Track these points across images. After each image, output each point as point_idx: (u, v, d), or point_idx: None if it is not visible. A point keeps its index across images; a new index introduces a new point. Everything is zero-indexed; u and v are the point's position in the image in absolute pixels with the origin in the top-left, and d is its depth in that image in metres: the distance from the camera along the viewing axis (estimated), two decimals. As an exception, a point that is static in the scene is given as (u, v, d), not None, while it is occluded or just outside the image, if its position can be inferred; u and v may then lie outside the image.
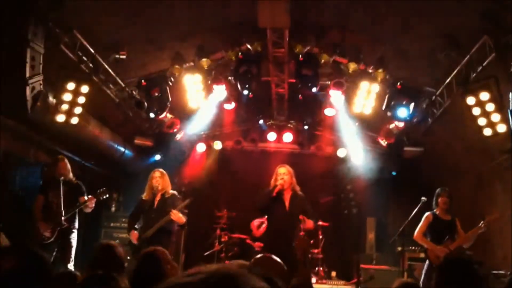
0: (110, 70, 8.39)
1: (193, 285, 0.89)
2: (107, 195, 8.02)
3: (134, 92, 9.28)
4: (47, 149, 8.81)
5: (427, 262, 7.81)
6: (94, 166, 10.74)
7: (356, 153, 11.87)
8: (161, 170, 8.07)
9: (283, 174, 7.54)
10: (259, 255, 3.38)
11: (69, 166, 7.90)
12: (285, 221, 7.38)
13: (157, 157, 11.55)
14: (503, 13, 6.28)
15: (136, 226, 7.98)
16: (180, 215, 7.69)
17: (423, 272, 7.80)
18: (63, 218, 7.36)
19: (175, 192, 8.12)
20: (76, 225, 7.78)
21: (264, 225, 10.61)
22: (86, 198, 7.77)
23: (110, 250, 4.02)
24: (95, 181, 10.94)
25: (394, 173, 11.78)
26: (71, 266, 7.34)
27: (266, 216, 8.20)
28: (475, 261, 7.44)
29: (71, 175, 7.93)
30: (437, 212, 7.86)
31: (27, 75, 6.43)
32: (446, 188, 7.97)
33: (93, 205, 7.80)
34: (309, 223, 7.47)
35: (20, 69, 6.37)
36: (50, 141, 8.64)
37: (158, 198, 7.86)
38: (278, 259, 3.30)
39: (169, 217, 7.62)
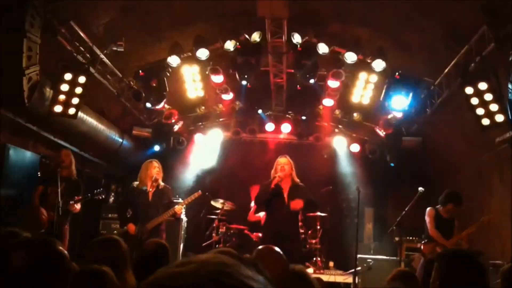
0: (107, 61, 8.36)
1: (185, 275, 0.89)
2: (104, 196, 7.98)
3: (132, 82, 9.25)
4: (46, 141, 8.78)
5: (422, 257, 7.82)
6: (93, 157, 10.72)
7: (355, 144, 11.89)
8: (156, 161, 8.05)
9: (283, 164, 7.51)
10: (260, 247, 3.40)
11: (72, 159, 7.88)
12: (285, 213, 7.37)
13: (156, 148, 11.54)
14: (502, 4, 6.25)
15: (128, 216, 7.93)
16: (182, 208, 7.73)
17: (419, 266, 7.79)
18: (60, 211, 7.32)
19: (165, 184, 8.07)
20: (69, 217, 7.79)
21: (263, 214, 10.65)
22: (80, 197, 7.73)
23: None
24: (93, 172, 10.96)
25: (392, 165, 11.78)
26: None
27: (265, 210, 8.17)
28: (475, 252, 7.47)
29: (73, 168, 7.90)
30: (440, 209, 7.80)
31: (24, 65, 6.39)
32: (462, 200, 7.75)
33: (78, 207, 7.73)
34: (297, 203, 7.46)
35: (17, 60, 6.33)
36: (48, 133, 8.61)
37: (152, 189, 7.79)
38: (280, 251, 3.32)
39: (173, 210, 7.62)
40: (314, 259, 10.88)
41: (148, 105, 9.21)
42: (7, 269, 2.12)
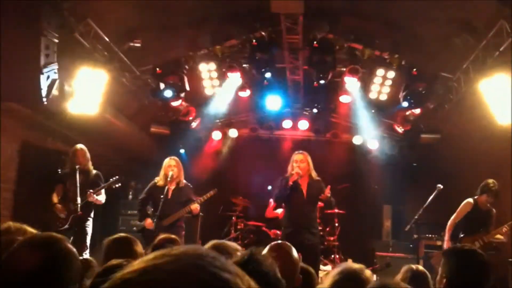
0: (125, 58, 8.42)
1: (160, 269, 0.86)
2: (120, 184, 8.03)
3: (149, 80, 9.31)
4: (65, 138, 8.88)
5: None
6: (111, 153, 10.82)
7: (372, 140, 11.81)
8: (176, 158, 8.05)
9: (300, 162, 7.43)
10: (273, 242, 3.42)
11: (88, 155, 7.92)
12: (304, 208, 7.34)
13: (181, 151, 11.60)
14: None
15: (148, 212, 7.99)
16: (198, 206, 7.76)
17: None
18: (78, 206, 7.40)
19: (187, 182, 8.09)
20: (92, 213, 7.83)
21: (281, 210, 10.66)
22: (99, 188, 7.78)
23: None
24: (112, 169, 11.04)
25: (414, 164, 11.71)
26: (87, 254, 7.40)
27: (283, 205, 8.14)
28: (491, 247, 7.38)
29: (90, 164, 7.96)
30: (479, 200, 7.68)
31: (42, 63, 6.47)
32: (493, 188, 7.62)
33: (96, 197, 7.74)
34: (326, 191, 7.36)
35: (35, 58, 6.42)
36: (67, 130, 8.71)
37: (172, 187, 7.83)
38: (292, 248, 3.32)
39: (189, 208, 7.66)
40: (332, 256, 10.85)
41: (169, 93, 9.21)
42: (11, 267, 2.13)
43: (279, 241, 3.55)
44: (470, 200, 7.71)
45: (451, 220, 7.73)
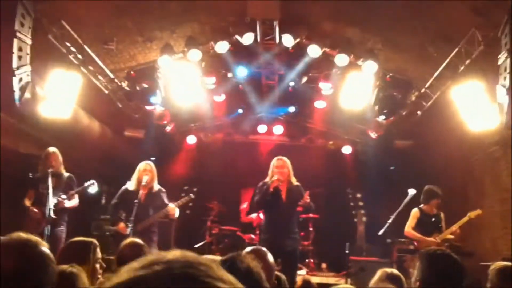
0: (99, 61, 8.34)
1: (149, 280, 0.81)
2: (96, 188, 7.93)
3: (123, 83, 9.22)
4: (38, 142, 8.74)
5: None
6: (85, 157, 10.69)
7: (347, 145, 11.91)
8: (150, 163, 7.95)
9: (280, 168, 7.44)
10: (250, 247, 3.42)
11: (60, 158, 7.80)
12: (284, 213, 7.33)
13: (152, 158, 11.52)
14: (493, 8, 6.28)
15: (121, 217, 7.88)
16: (177, 209, 7.68)
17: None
18: (51, 210, 7.28)
19: (160, 187, 8.00)
20: (66, 217, 7.71)
21: (255, 215, 10.66)
22: (72, 192, 7.67)
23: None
24: (85, 173, 10.91)
25: (392, 167, 11.83)
26: (60, 259, 7.27)
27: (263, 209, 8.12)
28: (464, 252, 7.50)
29: (62, 167, 7.85)
30: (424, 208, 7.86)
31: (14, 66, 6.36)
32: (439, 192, 7.88)
33: (68, 203, 7.65)
34: (305, 196, 7.38)
35: (8, 60, 6.30)
36: (40, 133, 8.58)
37: (145, 191, 7.72)
38: (268, 253, 3.32)
39: (166, 211, 7.57)
40: (307, 260, 10.90)
41: (146, 97, 9.17)
42: None
43: (255, 246, 3.55)
44: (416, 209, 7.88)
45: (408, 228, 7.83)
